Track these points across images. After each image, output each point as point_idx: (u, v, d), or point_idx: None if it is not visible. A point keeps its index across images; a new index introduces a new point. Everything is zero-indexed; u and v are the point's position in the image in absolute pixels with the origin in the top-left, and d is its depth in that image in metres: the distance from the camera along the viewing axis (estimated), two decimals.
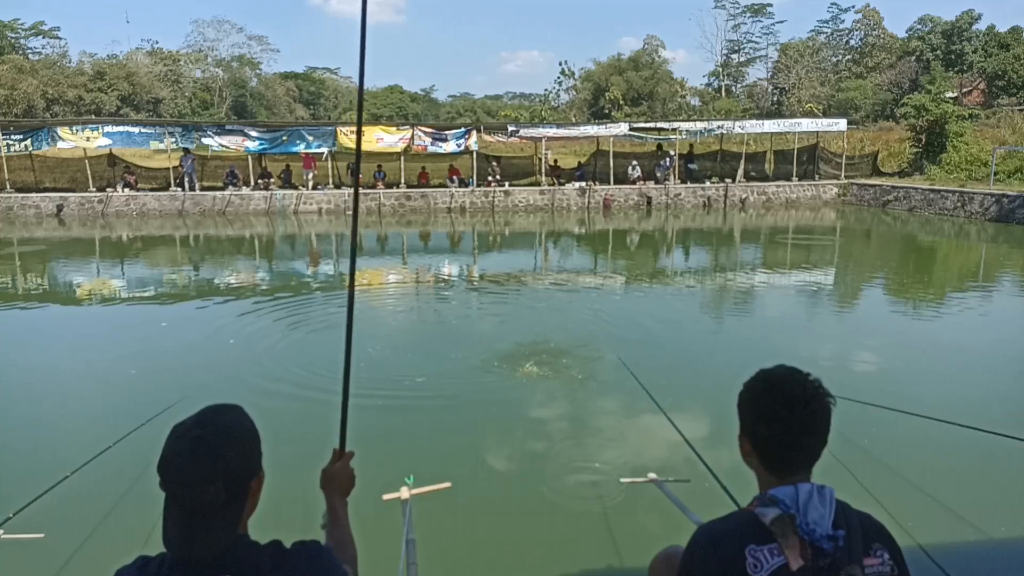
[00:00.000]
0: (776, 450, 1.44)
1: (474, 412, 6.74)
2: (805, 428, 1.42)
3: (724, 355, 8.47)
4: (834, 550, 1.34)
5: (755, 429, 1.46)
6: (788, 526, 1.35)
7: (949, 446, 5.71)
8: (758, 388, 1.48)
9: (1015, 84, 45.99)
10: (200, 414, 1.41)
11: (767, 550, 1.34)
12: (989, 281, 14.31)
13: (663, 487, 3.87)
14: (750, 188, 28.44)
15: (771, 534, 1.35)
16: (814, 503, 1.36)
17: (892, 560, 1.41)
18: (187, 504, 1.30)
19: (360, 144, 2.37)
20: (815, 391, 1.44)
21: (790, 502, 1.37)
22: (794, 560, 1.33)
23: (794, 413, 1.41)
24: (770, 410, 1.43)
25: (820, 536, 1.34)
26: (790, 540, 1.34)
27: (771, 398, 1.44)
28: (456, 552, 4.48)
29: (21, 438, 6.23)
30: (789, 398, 1.42)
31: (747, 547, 1.35)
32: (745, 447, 1.50)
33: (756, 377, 1.51)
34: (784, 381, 1.46)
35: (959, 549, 4.39)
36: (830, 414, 1.44)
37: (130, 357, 8.50)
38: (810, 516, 1.35)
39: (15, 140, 24.33)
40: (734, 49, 65.64)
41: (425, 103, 75.62)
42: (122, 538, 4.47)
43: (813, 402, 1.43)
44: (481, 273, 15.26)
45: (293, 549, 1.41)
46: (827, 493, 1.39)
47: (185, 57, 61.03)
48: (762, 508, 1.39)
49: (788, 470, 1.43)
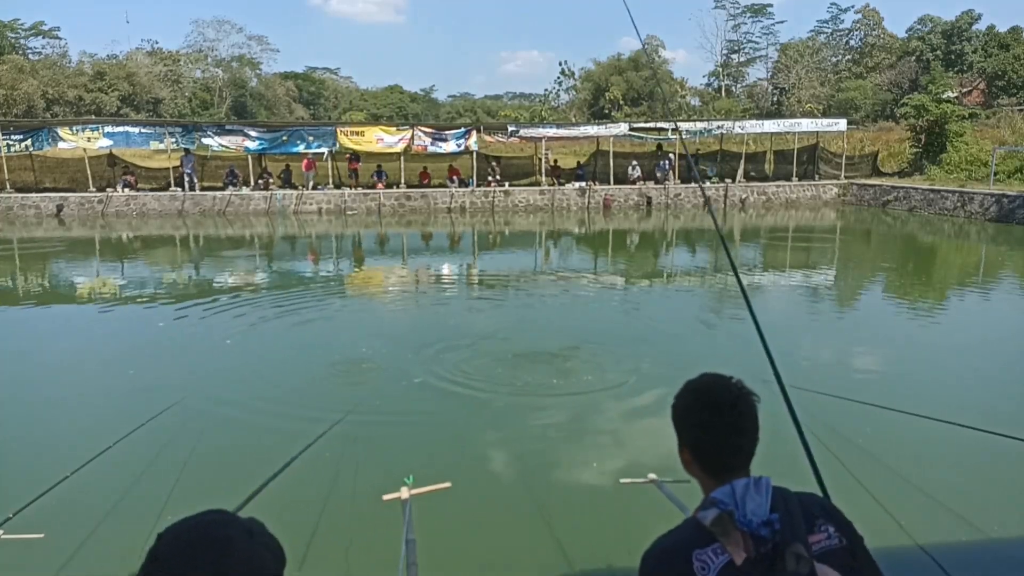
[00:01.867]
0: (712, 454, 1.50)
1: (474, 412, 6.73)
2: (735, 429, 1.48)
3: (723, 353, 8.47)
4: (772, 534, 1.35)
5: (692, 438, 1.52)
6: (727, 523, 1.37)
7: (949, 446, 5.71)
8: (687, 399, 1.54)
9: (1015, 84, 45.99)
10: (205, 549, 0.98)
11: (711, 551, 1.36)
12: (988, 281, 14.31)
13: (663, 487, 3.87)
14: (750, 188, 28.44)
15: (712, 535, 1.37)
16: (751, 494, 1.39)
17: (839, 533, 1.42)
18: None
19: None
20: (739, 392, 1.50)
21: (728, 500, 1.39)
22: (737, 555, 1.34)
23: (723, 417, 1.47)
24: (699, 417, 1.50)
25: (757, 524, 1.36)
26: (732, 536, 1.36)
27: (700, 406, 1.51)
28: (456, 552, 4.48)
29: (21, 438, 6.23)
30: (716, 403, 1.49)
31: (693, 552, 1.37)
32: (685, 457, 1.55)
33: (684, 389, 1.57)
34: (709, 388, 1.53)
35: (959, 549, 4.39)
36: (756, 412, 1.50)
37: (129, 357, 8.50)
38: (748, 507, 1.38)
39: (15, 140, 24.34)
40: (734, 49, 65.65)
41: (425, 103, 75.59)
42: (122, 538, 4.47)
43: (739, 403, 1.49)
44: (481, 272, 15.26)
45: None
46: (763, 483, 1.42)
47: (185, 57, 60.99)
48: (703, 512, 1.42)
49: (726, 471, 1.47)
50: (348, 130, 26.69)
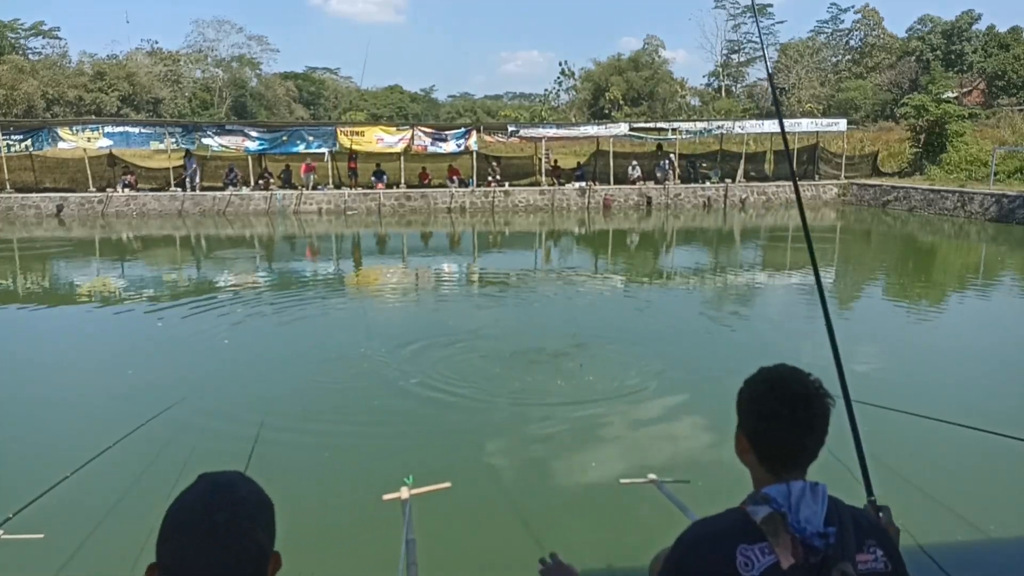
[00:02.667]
0: (775, 449, 1.44)
1: (474, 412, 6.73)
2: (804, 426, 1.42)
3: (722, 353, 8.47)
4: (825, 547, 1.33)
5: (755, 427, 1.46)
6: (779, 524, 1.34)
7: (949, 445, 5.71)
8: (760, 387, 1.48)
9: (1015, 84, 45.99)
10: (209, 493, 1.18)
11: (757, 549, 1.34)
12: (989, 281, 14.31)
13: (663, 488, 3.87)
14: (750, 188, 28.44)
15: (761, 533, 1.35)
16: (806, 500, 1.36)
17: (886, 556, 1.41)
18: None
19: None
20: (816, 391, 1.44)
21: (782, 500, 1.36)
22: (785, 558, 1.32)
23: (795, 412, 1.41)
24: (771, 409, 1.43)
25: (811, 533, 1.34)
26: (781, 538, 1.33)
27: (773, 397, 1.44)
28: (456, 552, 4.48)
29: (21, 438, 6.23)
30: (791, 397, 1.43)
31: (738, 546, 1.35)
32: (742, 444, 1.50)
33: (757, 376, 1.50)
34: (786, 380, 1.46)
35: (959, 549, 4.39)
36: (829, 414, 1.45)
37: (128, 357, 8.50)
38: (802, 513, 1.35)
39: (15, 140, 24.33)
40: (734, 49, 65.63)
41: (425, 103, 75.54)
42: (122, 538, 4.47)
43: (814, 401, 1.43)
44: (481, 271, 15.26)
45: None
46: (820, 490, 1.39)
47: (185, 57, 60.97)
48: (753, 507, 1.39)
49: (784, 468, 1.43)
50: (348, 130, 26.69)
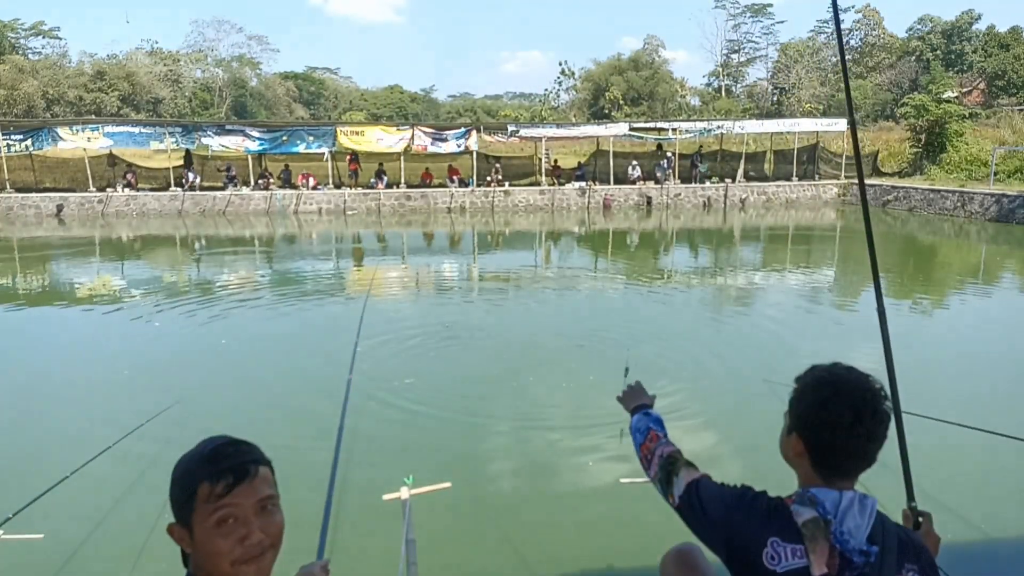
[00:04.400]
0: (836, 457, 1.38)
1: (474, 412, 6.73)
2: (869, 435, 1.37)
3: (722, 353, 8.46)
4: (864, 564, 1.30)
5: (817, 434, 1.38)
6: (821, 531, 1.31)
7: (949, 446, 5.70)
8: (824, 392, 1.40)
9: (1015, 84, 46.00)
10: (226, 441, 1.32)
11: (790, 549, 1.31)
12: (989, 281, 14.31)
13: None
14: (750, 188, 28.45)
15: (799, 535, 1.32)
16: (853, 512, 1.33)
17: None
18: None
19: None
20: (879, 394, 1.39)
21: (830, 507, 1.33)
22: (818, 566, 1.30)
23: (862, 422, 1.36)
24: (838, 416, 1.36)
25: (853, 548, 1.31)
26: (819, 545, 1.30)
27: (839, 403, 1.37)
28: (456, 552, 4.48)
29: (21, 438, 6.23)
30: (858, 406, 1.36)
31: (771, 538, 1.32)
32: (796, 448, 1.42)
33: (820, 379, 1.42)
34: (853, 387, 1.39)
35: (959, 549, 4.39)
36: (890, 420, 1.41)
37: (127, 357, 8.51)
38: (846, 525, 1.32)
39: (15, 140, 24.35)
40: (734, 49, 65.67)
41: (425, 103, 75.53)
42: (122, 538, 4.48)
43: (880, 408, 1.38)
44: (481, 271, 15.26)
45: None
46: (869, 504, 1.35)
47: (185, 57, 60.98)
48: (799, 506, 1.35)
49: (840, 475, 1.39)
50: (348, 130, 26.71)
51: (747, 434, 6.16)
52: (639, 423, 1.91)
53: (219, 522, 1.19)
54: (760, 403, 6.56)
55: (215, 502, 1.20)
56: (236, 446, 1.27)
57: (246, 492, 1.21)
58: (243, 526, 1.20)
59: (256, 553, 1.20)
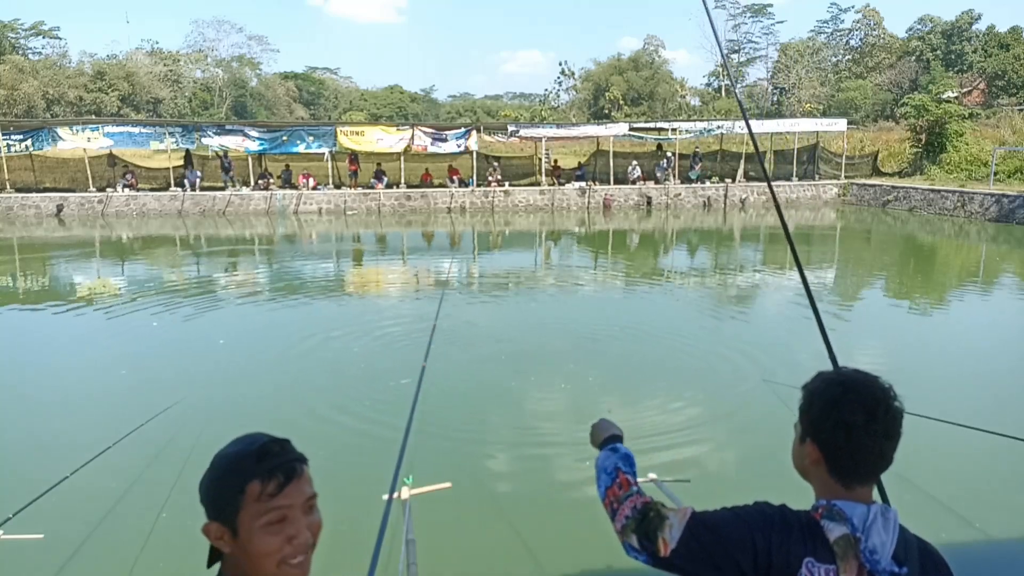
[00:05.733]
0: (853, 459, 1.35)
1: (474, 411, 6.73)
2: (885, 434, 1.34)
3: (723, 352, 8.46)
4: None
5: (832, 436, 1.35)
6: (851, 548, 1.29)
7: (949, 446, 5.70)
8: (834, 391, 1.37)
9: (1015, 84, 46.00)
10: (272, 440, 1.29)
11: (824, 569, 1.29)
12: (989, 281, 14.31)
13: (663, 487, 3.87)
14: (750, 188, 28.44)
15: (832, 554, 1.29)
16: (877, 527, 1.30)
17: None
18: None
19: None
20: (890, 393, 1.37)
21: (858, 522, 1.30)
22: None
23: (877, 419, 1.33)
24: (852, 415, 1.33)
25: (882, 569, 1.29)
26: (850, 564, 1.28)
27: (850, 403, 1.34)
28: (456, 552, 4.48)
29: (21, 438, 6.23)
30: (870, 403, 1.34)
31: (806, 558, 1.30)
32: (812, 455, 1.38)
33: (828, 381, 1.40)
34: (863, 385, 1.36)
35: (959, 549, 4.39)
36: (903, 418, 1.38)
37: (127, 357, 8.51)
38: (872, 540, 1.29)
39: (15, 140, 24.34)
40: (734, 49, 65.62)
41: (425, 103, 75.53)
42: (122, 538, 4.47)
43: (892, 406, 1.35)
44: (481, 271, 15.26)
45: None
46: (891, 516, 1.33)
47: (185, 57, 60.98)
48: (828, 522, 1.32)
49: (858, 480, 1.36)
50: (348, 130, 26.69)
51: (747, 434, 6.16)
52: (605, 461, 1.70)
53: (271, 522, 1.18)
54: (760, 403, 6.56)
55: (267, 501, 1.18)
56: (281, 444, 1.25)
57: (295, 491, 1.21)
58: (292, 525, 1.20)
59: (303, 552, 1.21)
